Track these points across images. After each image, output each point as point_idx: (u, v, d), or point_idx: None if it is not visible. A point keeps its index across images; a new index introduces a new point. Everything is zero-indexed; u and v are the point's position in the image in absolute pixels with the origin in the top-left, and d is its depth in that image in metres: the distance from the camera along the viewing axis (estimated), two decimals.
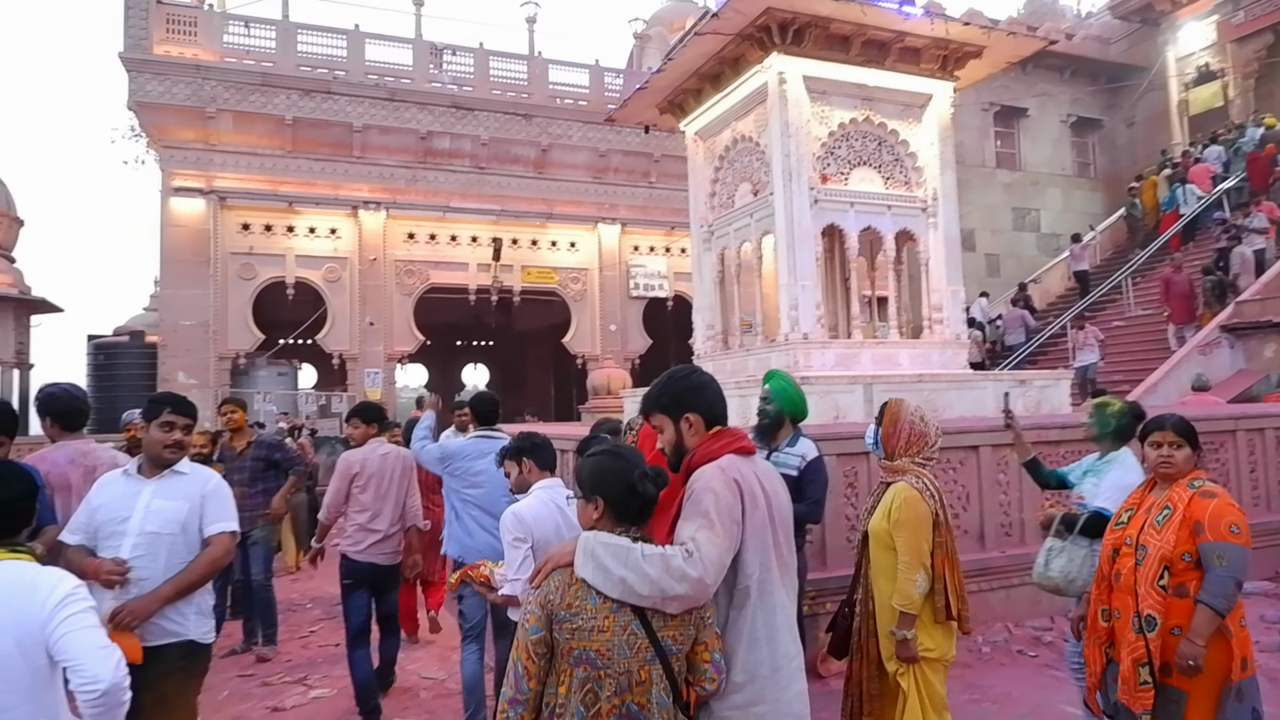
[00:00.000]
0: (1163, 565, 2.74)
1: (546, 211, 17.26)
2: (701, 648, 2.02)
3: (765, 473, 2.25)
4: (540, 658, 1.92)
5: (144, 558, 2.87)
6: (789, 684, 2.14)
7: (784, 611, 2.17)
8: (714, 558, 1.98)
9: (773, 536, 2.17)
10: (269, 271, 15.28)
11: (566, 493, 3.21)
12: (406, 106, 16.08)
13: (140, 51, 14.44)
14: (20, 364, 14.64)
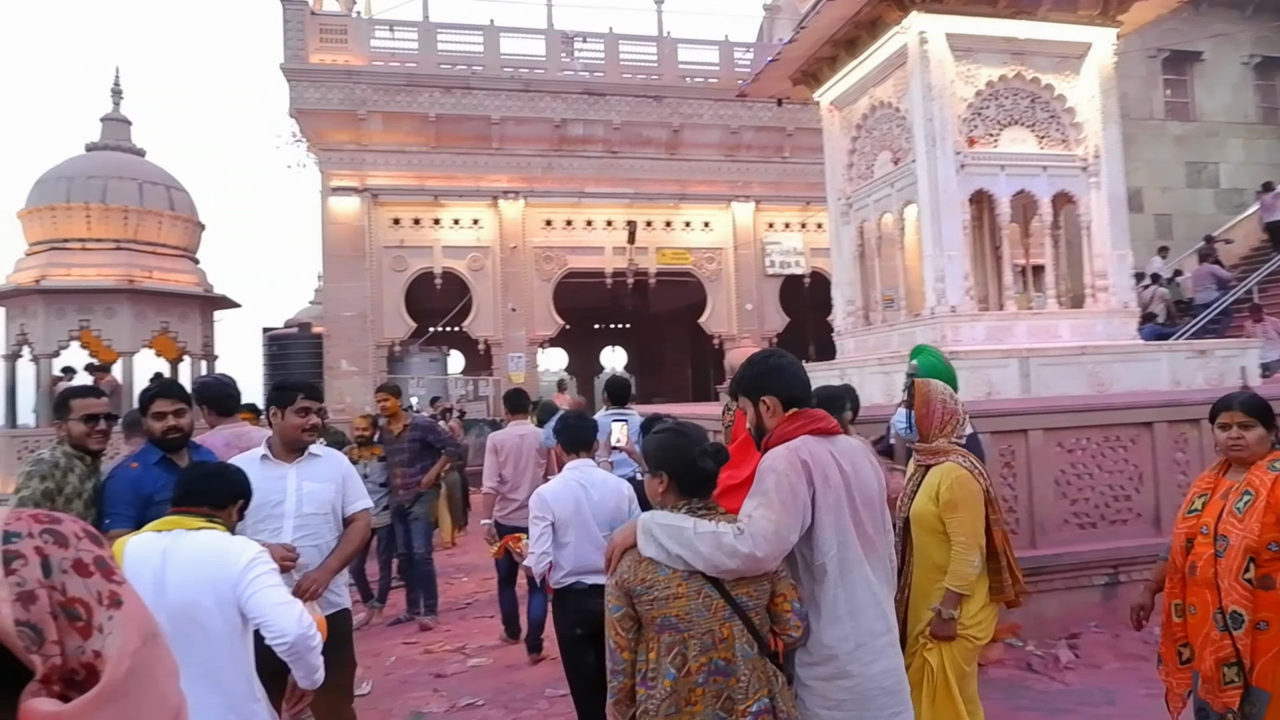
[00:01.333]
0: (1248, 556, 2.49)
1: (679, 192, 17.25)
2: (780, 599, 2.15)
3: (846, 452, 2.29)
4: (627, 631, 2.11)
5: (305, 538, 3.09)
6: (874, 660, 2.19)
7: (869, 589, 2.22)
8: (767, 533, 2.07)
9: (853, 515, 2.22)
10: (418, 263, 16.07)
11: (597, 471, 3.58)
12: (541, 96, 16.44)
13: (298, 62, 15.44)
14: (206, 355, 16.10)
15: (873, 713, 2.19)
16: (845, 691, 2.18)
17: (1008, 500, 4.98)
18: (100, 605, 0.93)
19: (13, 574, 0.88)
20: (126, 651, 0.93)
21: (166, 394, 3.26)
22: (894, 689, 2.25)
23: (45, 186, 14.82)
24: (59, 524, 0.97)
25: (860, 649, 2.19)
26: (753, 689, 2.05)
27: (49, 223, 14.61)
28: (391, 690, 4.90)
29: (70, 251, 14.51)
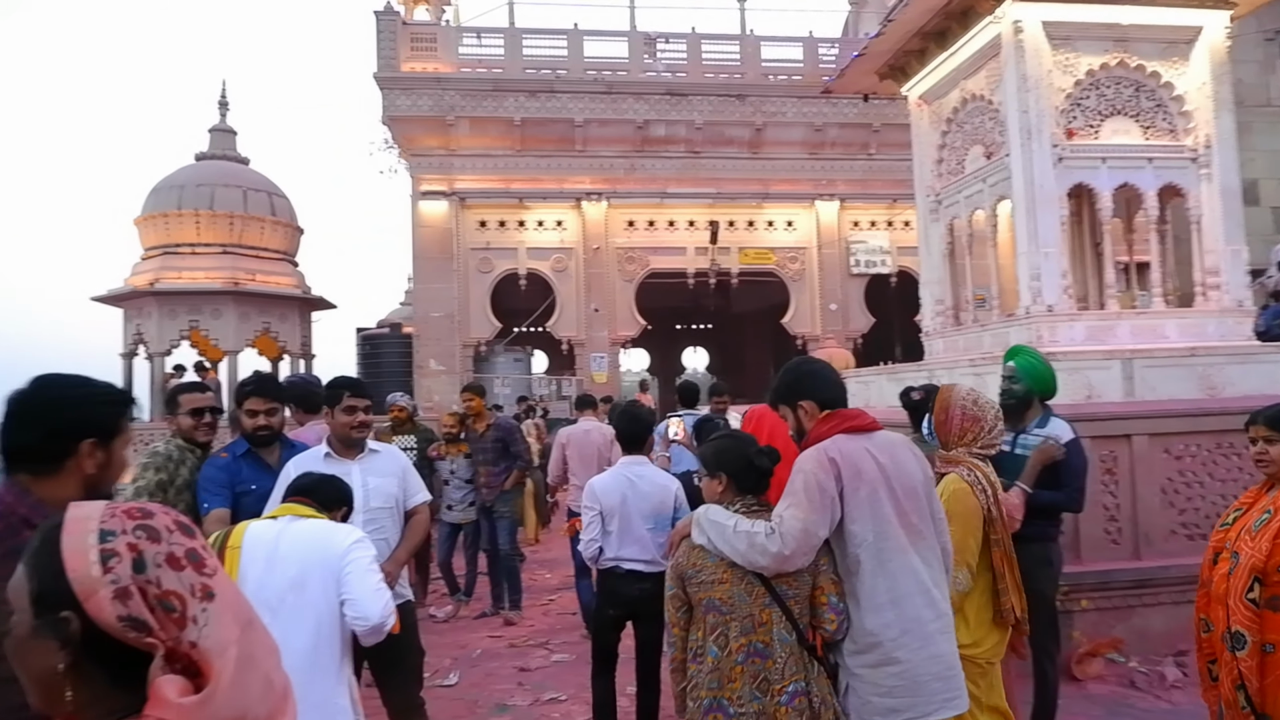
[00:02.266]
0: (1252, 576, 2.42)
1: (762, 191, 17.11)
2: (819, 592, 2.29)
3: (884, 446, 2.38)
4: (679, 609, 2.35)
5: (373, 533, 3.16)
6: (923, 646, 2.24)
7: (914, 577, 2.27)
8: (796, 532, 2.22)
9: (894, 507, 2.30)
10: (504, 264, 16.41)
11: (648, 468, 3.78)
12: (623, 98, 16.55)
13: (390, 70, 15.96)
14: (304, 354, 16.83)
15: (925, 698, 2.23)
16: (894, 678, 2.22)
17: (1108, 509, 4.76)
18: (193, 598, 0.99)
19: (110, 571, 0.94)
20: (230, 640, 1.00)
21: (260, 393, 3.34)
22: (945, 674, 2.28)
23: (159, 195, 15.75)
24: (151, 518, 1.02)
25: (906, 635, 2.24)
26: (788, 672, 2.20)
27: (162, 229, 15.51)
28: (478, 682, 5.01)
29: (181, 256, 15.37)
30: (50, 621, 0.91)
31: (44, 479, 1.66)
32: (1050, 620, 3.59)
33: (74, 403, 1.71)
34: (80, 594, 0.91)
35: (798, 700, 2.18)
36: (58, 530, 0.98)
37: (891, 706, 2.22)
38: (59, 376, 1.75)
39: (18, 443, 1.68)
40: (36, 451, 1.67)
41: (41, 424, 1.67)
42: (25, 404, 1.69)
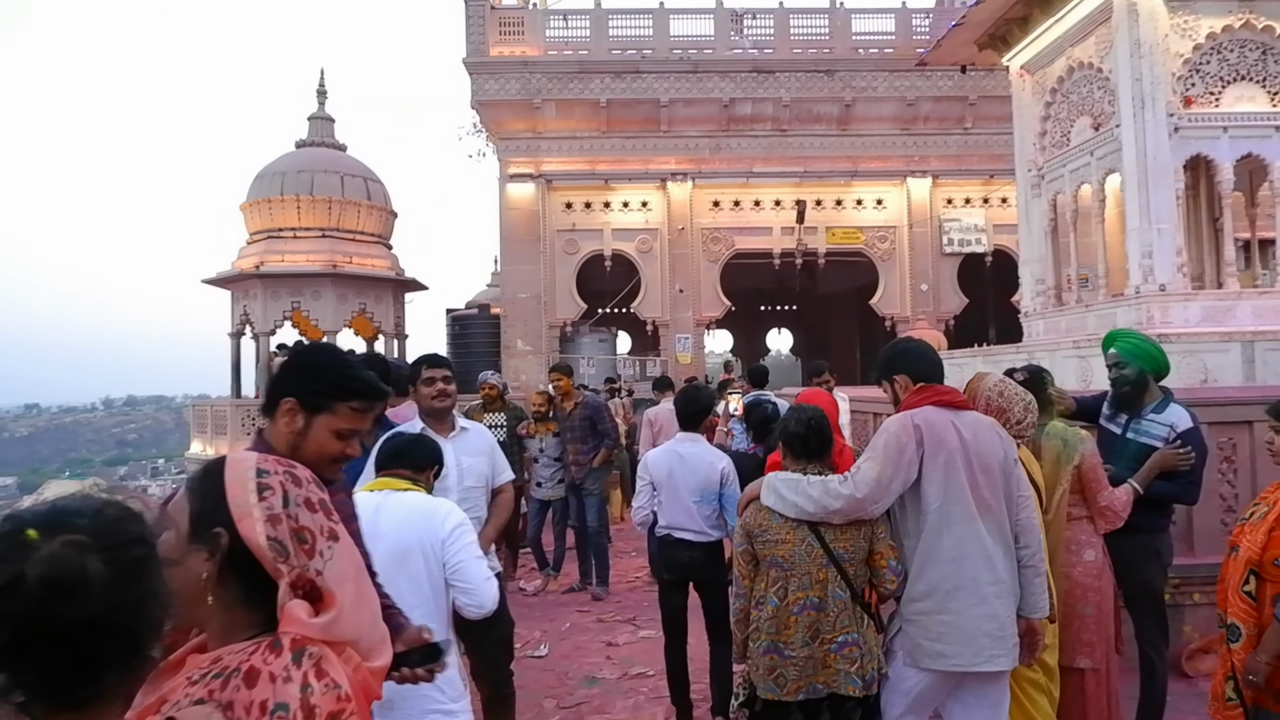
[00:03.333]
0: (1248, 569, 2.45)
1: (851, 169, 16.72)
2: (879, 556, 2.55)
3: (970, 424, 2.59)
4: (747, 564, 2.65)
5: (467, 510, 3.25)
6: (976, 604, 2.46)
7: (978, 542, 2.48)
8: (870, 479, 2.49)
9: (968, 478, 2.50)
10: (589, 246, 16.54)
11: (698, 446, 3.94)
12: (709, 76, 16.39)
13: (479, 55, 16.21)
14: (398, 334, 17.38)
15: (973, 650, 2.45)
16: (945, 626, 2.47)
17: (1226, 499, 4.50)
18: (321, 536, 1.18)
19: (264, 500, 1.14)
20: (348, 577, 1.19)
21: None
22: (997, 634, 2.47)
23: (262, 182, 16.45)
24: (295, 469, 1.23)
25: (960, 590, 2.46)
26: (840, 625, 2.50)
27: (265, 214, 16.21)
28: (567, 655, 5.12)
29: (283, 239, 16.04)
30: (205, 535, 1.09)
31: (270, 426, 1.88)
32: (1158, 614, 3.44)
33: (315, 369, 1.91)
34: (236, 515, 1.10)
35: (848, 649, 2.49)
36: (221, 464, 1.18)
37: (940, 651, 2.46)
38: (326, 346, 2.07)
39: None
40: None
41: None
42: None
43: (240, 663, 1.06)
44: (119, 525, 0.93)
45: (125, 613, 0.90)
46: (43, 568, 0.86)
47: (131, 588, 0.91)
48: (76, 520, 0.91)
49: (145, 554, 0.94)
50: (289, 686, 1.05)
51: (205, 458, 15.06)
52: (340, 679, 1.10)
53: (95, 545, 0.89)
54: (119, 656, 0.90)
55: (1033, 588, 2.56)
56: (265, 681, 1.05)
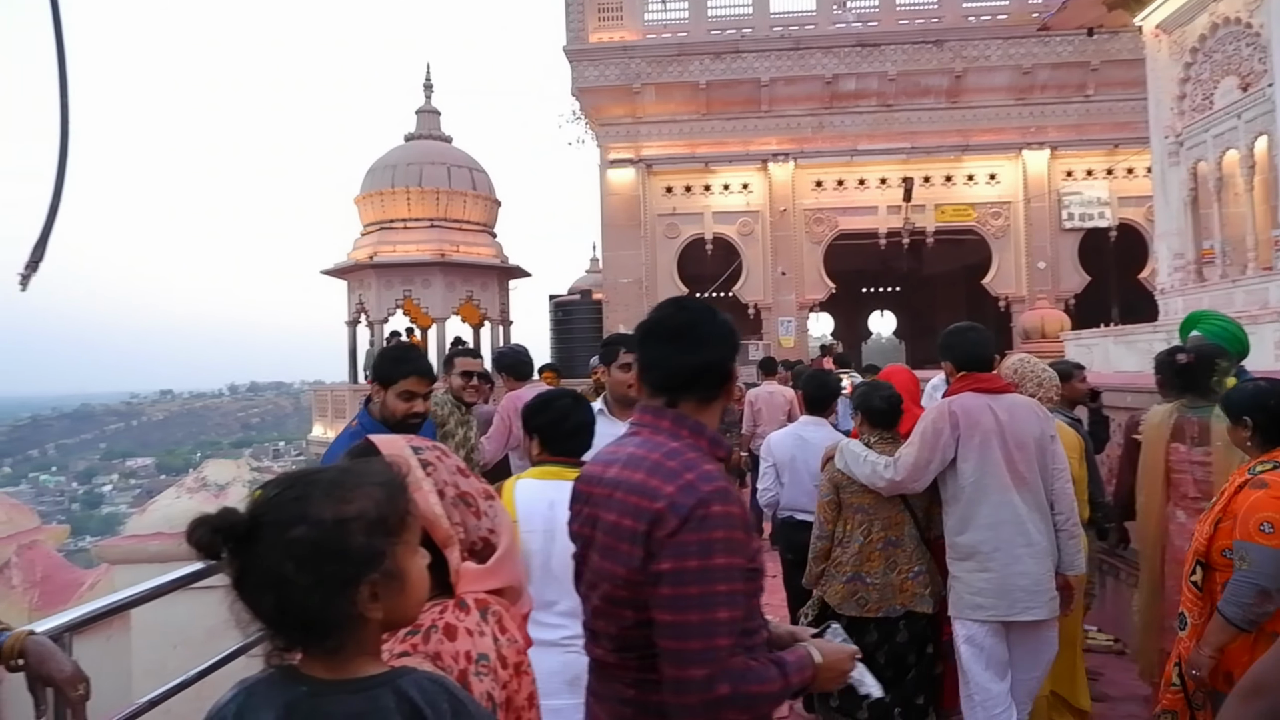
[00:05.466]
0: (1195, 559, 2.57)
1: (961, 143, 16.06)
2: (937, 509, 3.10)
3: (1008, 406, 2.96)
4: (830, 508, 3.23)
5: None
6: (1012, 563, 2.86)
7: (1013, 510, 2.87)
8: (909, 465, 2.98)
9: (1003, 454, 2.88)
10: (690, 229, 16.48)
11: (821, 430, 4.06)
12: (811, 53, 16.03)
13: (579, 43, 16.32)
14: (503, 321, 17.79)
15: (1008, 602, 2.87)
16: (985, 581, 2.89)
17: None
18: (480, 497, 1.27)
19: (430, 475, 1.22)
20: (507, 528, 1.31)
21: (423, 373, 2.99)
22: (1032, 589, 2.87)
23: (374, 175, 17.07)
24: (439, 445, 1.32)
25: (998, 552, 2.87)
26: (914, 559, 3.13)
27: (378, 206, 16.82)
28: None
29: (395, 230, 16.62)
30: None
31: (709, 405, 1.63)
32: None
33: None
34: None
35: (921, 577, 3.12)
36: (372, 448, 1.24)
37: (979, 604, 2.90)
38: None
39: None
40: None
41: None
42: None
43: (434, 620, 1.16)
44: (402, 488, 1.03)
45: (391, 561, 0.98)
46: (370, 506, 0.96)
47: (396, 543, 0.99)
48: (373, 477, 1.01)
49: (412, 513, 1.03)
50: (484, 639, 1.16)
51: (326, 440, 15.82)
52: (517, 634, 1.23)
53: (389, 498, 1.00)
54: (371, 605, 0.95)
55: (1068, 549, 2.94)
56: (464, 635, 1.15)
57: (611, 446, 1.64)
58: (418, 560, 1.01)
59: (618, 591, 1.46)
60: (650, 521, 1.40)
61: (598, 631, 1.57)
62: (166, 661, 3.51)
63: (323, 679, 0.94)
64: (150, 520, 4.05)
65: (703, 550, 1.37)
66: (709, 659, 1.36)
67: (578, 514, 1.62)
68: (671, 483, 1.42)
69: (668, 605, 1.37)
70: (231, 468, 4.26)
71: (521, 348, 4.85)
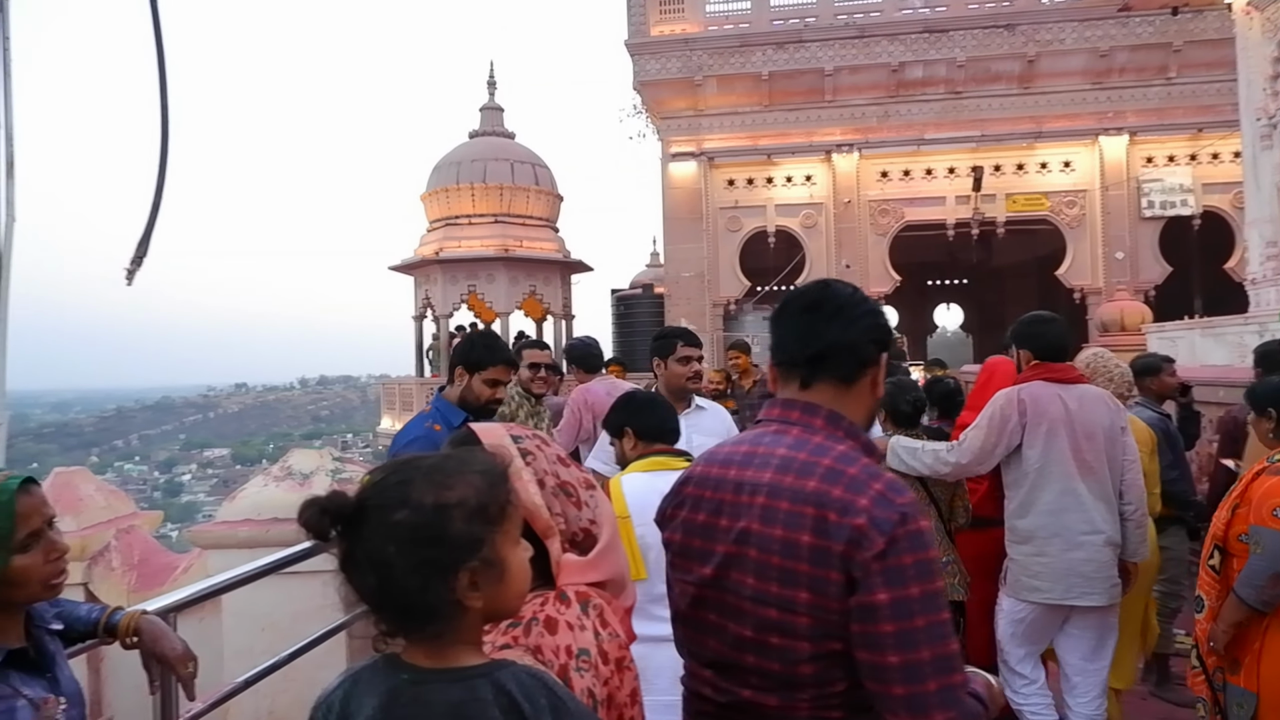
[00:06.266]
0: (1213, 543, 2.65)
1: (1034, 130, 15.58)
2: (959, 501, 3.41)
3: (1078, 396, 2.99)
4: None
5: None
6: (1071, 550, 2.89)
7: (1076, 497, 2.91)
8: (975, 448, 3.03)
9: (1070, 443, 2.91)
10: (752, 222, 16.36)
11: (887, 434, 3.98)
12: (876, 41, 15.73)
13: (640, 36, 16.32)
14: (565, 315, 17.96)
15: (1065, 586, 2.90)
16: (1042, 566, 2.93)
17: None
18: (581, 487, 1.25)
19: (530, 465, 1.20)
20: (609, 519, 1.27)
21: (507, 361, 3.09)
22: (1091, 575, 2.89)
23: (440, 172, 17.39)
24: (539, 434, 1.30)
25: (1056, 538, 2.90)
26: (942, 550, 3.21)
27: (443, 202, 17.14)
28: None
29: (459, 226, 16.91)
30: None
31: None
32: None
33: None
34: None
35: (950, 567, 3.27)
36: (473, 437, 1.24)
37: (1036, 586, 2.94)
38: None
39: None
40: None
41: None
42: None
43: (535, 612, 1.14)
44: (502, 477, 1.03)
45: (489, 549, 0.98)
46: (471, 494, 0.97)
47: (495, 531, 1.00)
48: (474, 465, 1.01)
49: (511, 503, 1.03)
50: (585, 634, 1.13)
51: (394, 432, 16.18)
52: (618, 629, 1.20)
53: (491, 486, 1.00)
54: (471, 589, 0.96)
55: (1134, 538, 2.99)
56: (565, 628, 1.12)
57: (729, 446, 1.46)
58: (518, 551, 1.01)
59: (793, 619, 1.25)
60: (848, 540, 1.21)
61: (741, 667, 1.32)
62: (255, 644, 3.65)
63: (424, 667, 0.95)
64: (239, 507, 4.21)
65: (920, 574, 1.21)
66: (949, 701, 1.20)
67: (689, 523, 1.41)
68: (862, 494, 1.24)
69: (893, 644, 1.19)
70: (315, 457, 4.38)
71: (592, 340, 4.86)
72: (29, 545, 1.43)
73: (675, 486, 1.50)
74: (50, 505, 1.50)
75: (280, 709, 3.91)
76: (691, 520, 1.41)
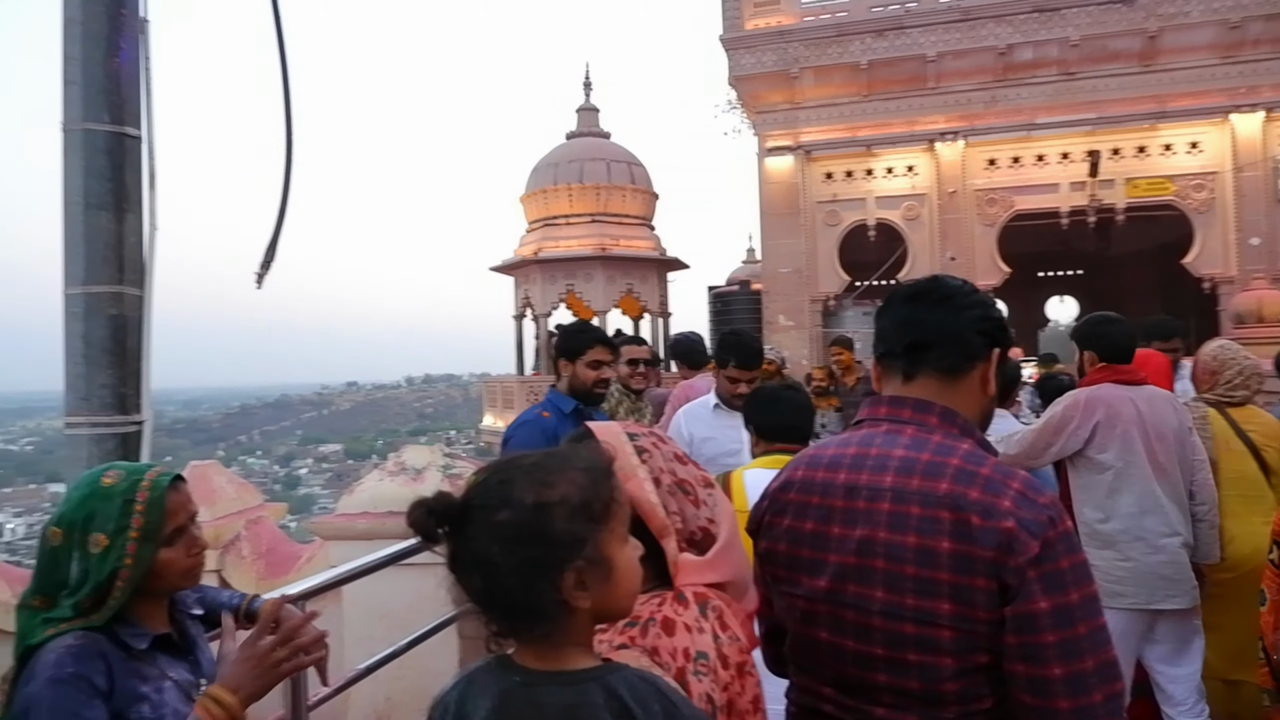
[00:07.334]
0: (1273, 539, 2.59)
1: (1157, 110, 14.65)
2: None
3: (1147, 398, 3.00)
4: None
5: None
6: (1154, 553, 2.89)
7: (1155, 500, 2.91)
8: (1025, 444, 3.07)
9: (1144, 445, 2.91)
10: (851, 216, 16.00)
11: (1001, 423, 3.73)
12: (982, 23, 15.11)
13: (735, 31, 16.18)
14: (662, 313, 18.02)
15: (1148, 590, 2.89)
16: (1124, 570, 2.91)
17: None
18: (699, 485, 1.23)
19: (645, 463, 1.18)
20: (729, 518, 1.24)
21: (606, 342, 3.22)
22: (1174, 578, 2.91)
23: (538, 174, 17.72)
24: (655, 431, 1.28)
25: (1139, 541, 2.89)
26: None
27: (541, 203, 17.45)
28: None
29: (557, 226, 17.19)
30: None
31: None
32: None
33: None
34: (622, 476, 1.10)
35: None
36: (589, 435, 1.22)
37: (1119, 591, 2.89)
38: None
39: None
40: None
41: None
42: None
43: (652, 613, 1.12)
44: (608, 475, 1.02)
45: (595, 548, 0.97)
46: (573, 491, 0.96)
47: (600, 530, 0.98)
48: (577, 463, 1.00)
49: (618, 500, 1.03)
50: (704, 637, 1.10)
51: (498, 429, 16.58)
52: (739, 632, 1.16)
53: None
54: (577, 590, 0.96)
55: (1206, 539, 2.99)
56: (682, 630, 1.09)
57: (833, 448, 1.38)
58: (626, 550, 0.99)
59: (934, 633, 1.18)
60: (996, 546, 1.14)
61: (871, 685, 1.24)
62: (372, 632, 3.80)
63: (535, 669, 0.95)
64: (357, 500, 4.40)
65: (1078, 578, 1.15)
66: (1115, 711, 1.14)
67: (795, 531, 1.34)
68: (1002, 495, 1.18)
69: (1056, 655, 1.12)
70: (426, 453, 4.54)
71: (696, 335, 4.87)
72: (173, 539, 1.51)
73: (773, 492, 1.43)
74: (194, 502, 1.59)
75: (396, 695, 4.06)
76: (798, 529, 1.34)
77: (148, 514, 1.45)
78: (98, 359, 2.25)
